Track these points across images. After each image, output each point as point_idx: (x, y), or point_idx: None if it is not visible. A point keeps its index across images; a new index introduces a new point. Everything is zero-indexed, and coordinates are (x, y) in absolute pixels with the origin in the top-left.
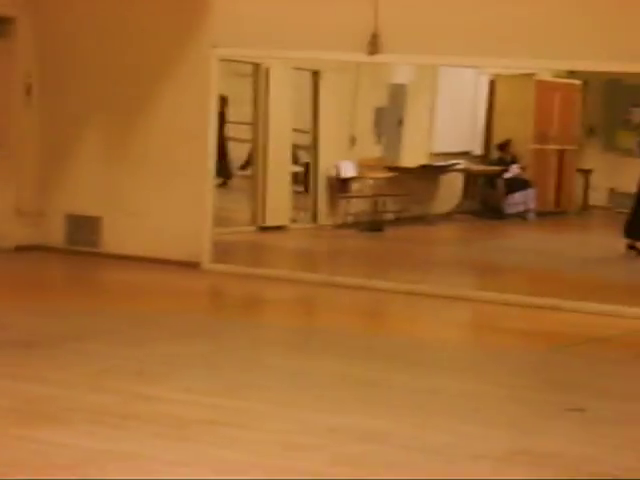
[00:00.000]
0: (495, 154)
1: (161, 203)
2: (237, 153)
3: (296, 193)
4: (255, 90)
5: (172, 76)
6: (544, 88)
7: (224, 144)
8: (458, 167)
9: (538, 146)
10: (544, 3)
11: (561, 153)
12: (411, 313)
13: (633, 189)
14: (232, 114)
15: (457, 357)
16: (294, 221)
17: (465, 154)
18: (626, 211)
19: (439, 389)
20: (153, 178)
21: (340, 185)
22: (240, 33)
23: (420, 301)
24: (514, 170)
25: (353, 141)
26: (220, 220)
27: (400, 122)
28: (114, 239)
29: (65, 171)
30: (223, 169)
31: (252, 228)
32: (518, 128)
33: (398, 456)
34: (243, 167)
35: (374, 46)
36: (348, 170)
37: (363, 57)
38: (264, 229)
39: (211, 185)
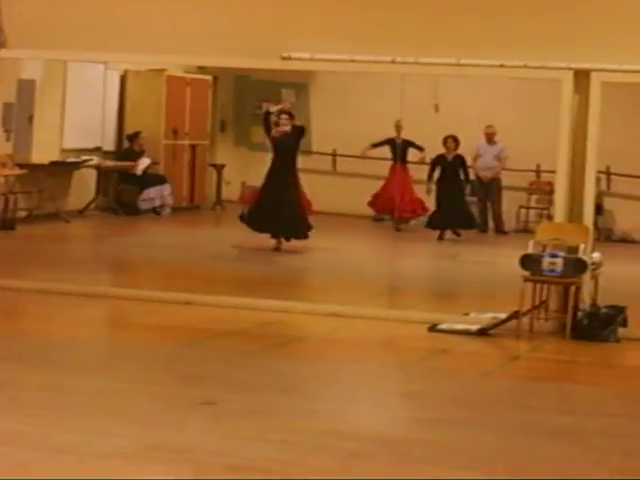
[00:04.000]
0: (125, 145)
1: None
2: None
3: None
4: None
5: None
6: (175, 83)
7: None
8: (90, 163)
9: (170, 141)
10: None
11: (194, 148)
12: (44, 312)
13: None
14: None
15: (89, 355)
16: None
17: (97, 150)
18: None
19: (69, 387)
20: None
21: None
22: None
23: (53, 299)
24: (145, 162)
25: None
26: None
27: (30, 118)
28: None
29: None
30: None
31: None
32: (150, 124)
33: (27, 457)
34: None
35: None
36: None
37: None
38: None
39: None
